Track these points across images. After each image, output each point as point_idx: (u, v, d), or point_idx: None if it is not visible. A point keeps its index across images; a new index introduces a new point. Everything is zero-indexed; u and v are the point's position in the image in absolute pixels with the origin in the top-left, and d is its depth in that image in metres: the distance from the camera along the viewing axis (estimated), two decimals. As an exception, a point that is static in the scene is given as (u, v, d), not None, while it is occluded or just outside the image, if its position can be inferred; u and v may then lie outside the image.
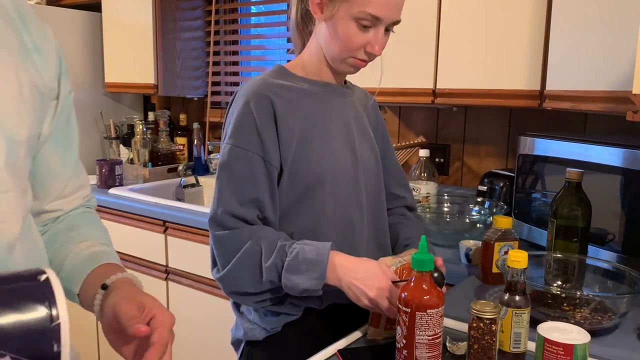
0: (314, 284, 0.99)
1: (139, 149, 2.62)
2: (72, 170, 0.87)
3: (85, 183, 0.92)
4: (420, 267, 0.85)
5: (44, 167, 0.82)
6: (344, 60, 1.09)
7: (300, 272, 0.99)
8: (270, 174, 1.05)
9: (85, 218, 0.90)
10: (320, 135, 1.10)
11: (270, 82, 1.09)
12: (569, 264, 1.23)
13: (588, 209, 1.24)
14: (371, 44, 1.05)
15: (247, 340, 1.15)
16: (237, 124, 1.06)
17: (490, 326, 0.85)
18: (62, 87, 0.80)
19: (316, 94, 1.12)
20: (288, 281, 1.00)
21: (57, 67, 0.79)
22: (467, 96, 1.73)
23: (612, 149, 1.29)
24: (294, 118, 1.07)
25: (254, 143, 1.04)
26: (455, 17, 1.73)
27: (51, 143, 0.81)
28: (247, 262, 1.02)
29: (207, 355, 2.06)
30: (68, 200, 0.88)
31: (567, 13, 1.45)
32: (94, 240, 0.85)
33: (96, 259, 0.80)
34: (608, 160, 1.30)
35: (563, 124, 1.90)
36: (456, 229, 1.61)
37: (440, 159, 2.16)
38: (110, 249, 0.86)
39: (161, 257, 2.15)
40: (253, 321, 1.13)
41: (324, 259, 1.00)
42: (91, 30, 2.80)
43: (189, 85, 2.78)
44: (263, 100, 1.05)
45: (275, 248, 1.02)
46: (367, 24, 1.03)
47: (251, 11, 2.82)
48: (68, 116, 0.84)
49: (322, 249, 1.01)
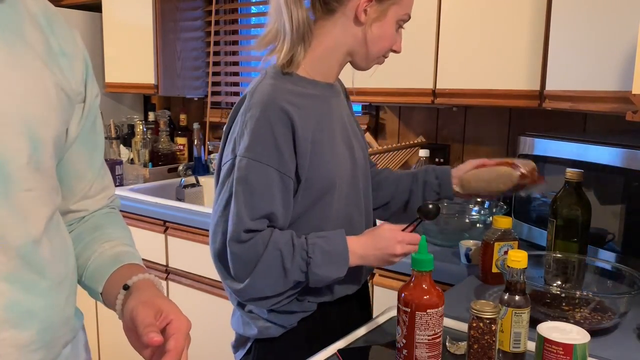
0: (341, 271, 1.06)
1: (139, 149, 2.62)
2: (97, 171, 0.89)
3: (110, 184, 0.94)
4: (420, 267, 0.85)
5: (70, 167, 0.84)
6: (376, 59, 1.14)
7: (325, 265, 1.04)
8: (286, 186, 1.04)
9: (110, 218, 0.92)
10: (327, 140, 1.09)
11: (281, 88, 1.06)
12: (568, 263, 1.23)
13: (588, 209, 1.24)
14: (397, 43, 1.14)
15: (259, 338, 1.15)
16: (253, 136, 1.02)
17: (490, 326, 0.85)
18: (88, 90, 0.82)
19: (319, 97, 1.11)
20: (315, 275, 1.04)
21: (84, 71, 0.81)
22: (467, 96, 1.73)
23: (612, 149, 1.29)
24: (307, 125, 1.05)
25: (272, 157, 1.02)
26: (455, 17, 1.73)
27: (78, 145, 0.84)
28: (270, 269, 1.03)
29: (207, 355, 2.06)
30: (93, 200, 0.90)
31: (567, 13, 1.45)
32: (117, 240, 0.87)
33: (120, 259, 0.82)
34: (608, 160, 1.30)
35: (563, 124, 1.90)
36: (456, 229, 1.61)
37: (440, 159, 2.16)
38: (133, 250, 0.87)
39: (161, 257, 2.15)
40: (269, 319, 1.12)
41: (345, 248, 1.06)
42: (91, 30, 2.80)
43: (189, 85, 2.78)
44: (279, 111, 1.02)
45: (294, 248, 1.03)
46: (403, 25, 1.13)
47: (251, 11, 2.82)
48: (94, 119, 0.86)
49: (339, 238, 1.06)
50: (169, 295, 2.16)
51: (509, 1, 1.63)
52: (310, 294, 1.12)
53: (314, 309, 1.14)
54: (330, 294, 1.15)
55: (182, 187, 2.44)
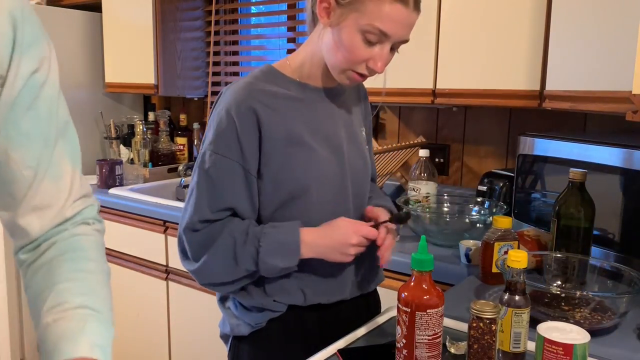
0: (291, 260, 1.04)
1: (139, 149, 2.62)
2: (46, 172, 0.71)
3: (72, 189, 0.74)
4: (420, 267, 0.85)
5: (4, 168, 0.69)
6: (343, 71, 1.04)
7: (276, 254, 1.03)
8: (249, 182, 1.05)
9: (69, 251, 0.72)
10: (307, 145, 1.07)
11: (255, 88, 1.05)
12: (568, 263, 1.23)
13: (591, 209, 1.24)
14: (374, 59, 1.01)
15: (234, 335, 1.17)
16: (218, 130, 1.04)
17: (490, 326, 0.85)
18: (13, 65, 0.66)
19: (303, 100, 1.09)
20: (264, 264, 1.03)
21: (6, 38, 0.65)
22: (467, 96, 1.73)
23: (612, 149, 1.29)
24: (278, 126, 1.05)
25: (234, 150, 1.03)
26: (455, 17, 1.73)
27: (4, 138, 0.68)
28: (222, 253, 1.04)
29: (207, 354, 2.06)
30: (45, 214, 0.72)
31: (567, 13, 1.45)
32: (65, 303, 0.67)
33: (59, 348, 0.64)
34: (608, 160, 1.30)
35: (563, 124, 1.90)
36: (456, 229, 1.61)
37: (440, 159, 2.16)
38: (80, 313, 0.67)
39: (161, 257, 2.15)
40: (238, 317, 1.14)
41: (296, 238, 1.04)
42: (91, 30, 2.80)
43: (189, 85, 2.78)
44: (246, 109, 1.03)
45: (248, 236, 1.04)
46: (373, 39, 0.99)
47: (251, 11, 2.82)
48: (30, 105, 0.68)
49: (292, 228, 1.05)
50: (169, 295, 2.16)
51: (509, 1, 1.63)
52: (277, 294, 1.10)
53: (282, 310, 1.11)
54: (302, 297, 1.11)
55: (182, 187, 2.44)
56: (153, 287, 2.19)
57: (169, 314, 2.18)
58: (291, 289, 1.11)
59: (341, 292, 1.15)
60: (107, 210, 2.28)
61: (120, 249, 2.28)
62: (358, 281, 1.19)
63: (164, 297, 2.17)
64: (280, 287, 1.10)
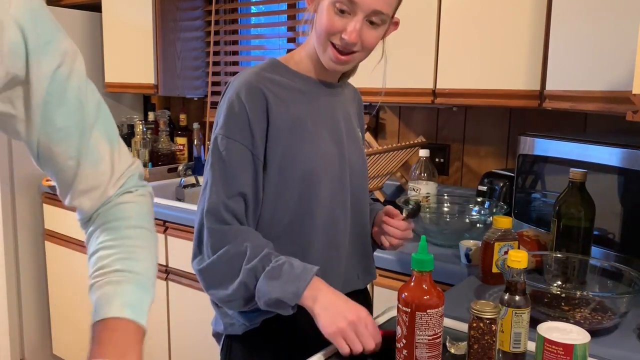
0: (289, 297, 0.97)
1: (139, 149, 2.62)
2: (87, 159, 0.76)
3: (114, 168, 0.79)
4: (420, 267, 0.85)
5: (51, 161, 0.76)
6: (325, 50, 1.06)
7: (279, 280, 0.97)
8: (256, 167, 1.06)
9: (112, 220, 0.79)
10: (310, 135, 1.09)
11: (263, 75, 1.08)
12: (568, 263, 1.23)
13: (592, 209, 1.24)
14: (346, 30, 1.02)
15: (227, 334, 1.15)
16: (228, 114, 1.05)
17: (490, 326, 0.85)
18: (33, 69, 0.69)
19: (306, 92, 1.12)
20: (263, 286, 0.98)
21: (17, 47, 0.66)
22: (467, 96, 1.73)
23: (612, 149, 1.29)
24: (284, 114, 1.07)
25: (244, 135, 1.04)
26: (455, 17, 1.73)
27: (45, 136, 0.73)
28: (228, 259, 1.02)
29: (207, 354, 2.06)
30: (93, 195, 0.78)
31: (567, 13, 1.44)
32: (106, 267, 0.74)
33: (97, 311, 0.72)
34: (608, 160, 1.30)
35: (563, 124, 1.90)
36: (456, 229, 1.61)
37: (440, 159, 2.16)
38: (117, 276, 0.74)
39: (161, 257, 2.15)
40: (232, 316, 1.12)
41: (309, 276, 0.98)
42: (91, 30, 2.80)
43: (189, 85, 2.78)
44: (256, 92, 1.05)
45: (261, 254, 1.01)
46: (343, 8, 1.02)
47: (251, 11, 2.82)
48: (61, 100, 0.72)
49: (309, 268, 1.00)
50: (169, 295, 2.16)
51: (509, 1, 1.63)
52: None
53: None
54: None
55: (182, 187, 2.44)
56: (153, 287, 2.19)
57: (169, 314, 2.18)
58: None
59: (335, 286, 1.11)
60: (107, 210, 2.27)
61: (120, 249, 2.27)
62: (351, 278, 1.19)
63: (164, 297, 2.17)
64: None
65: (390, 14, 1.06)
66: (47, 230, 2.64)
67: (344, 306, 0.97)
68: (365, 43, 1.05)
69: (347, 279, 1.18)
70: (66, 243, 2.52)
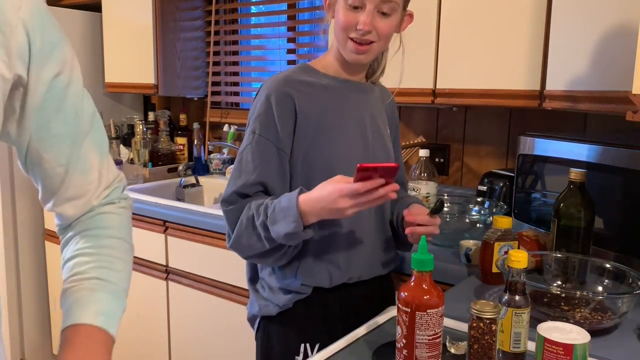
0: (293, 227, 1.07)
1: (139, 149, 2.62)
2: (76, 167, 0.76)
3: (101, 179, 0.80)
4: (420, 267, 0.85)
5: (39, 166, 0.75)
6: (345, 45, 1.17)
7: (278, 220, 1.09)
8: (282, 160, 1.17)
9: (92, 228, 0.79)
10: (336, 126, 1.20)
11: (293, 78, 1.20)
12: (569, 263, 1.23)
13: (591, 209, 1.24)
14: (359, 22, 1.13)
15: (262, 315, 1.26)
16: (258, 114, 1.18)
17: (490, 326, 0.85)
18: (33, 73, 0.68)
19: (334, 89, 1.22)
20: (273, 232, 1.10)
21: (23, 49, 0.67)
22: (467, 96, 1.73)
23: (612, 149, 1.29)
24: (311, 110, 1.18)
25: (271, 132, 1.16)
26: (455, 17, 1.73)
27: (37, 141, 0.73)
28: (246, 227, 1.14)
29: (207, 354, 2.06)
30: (77, 203, 0.79)
31: (567, 13, 1.44)
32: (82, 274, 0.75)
33: (69, 315, 0.72)
34: (608, 160, 1.30)
35: (563, 124, 1.90)
36: (456, 229, 1.60)
37: (440, 159, 2.16)
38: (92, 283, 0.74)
39: (161, 257, 2.15)
40: (267, 298, 1.24)
41: (293, 204, 1.07)
42: (91, 30, 2.80)
43: (189, 85, 2.78)
44: (283, 96, 1.17)
45: (262, 207, 1.12)
46: (355, 4, 1.13)
47: (251, 11, 2.82)
48: (58, 107, 0.73)
49: (292, 195, 1.09)
50: (169, 295, 2.16)
51: (509, 1, 1.63)
52: (306, 277, 1.20)
53: (308, 292, 1.21)
54: (328, 280, 1.21)
55: (182, 187, 2.44)
56: (153, 287, 2.19)
57: (169, 314, 2.18)
58: (319, 272, 1.20)
59: (358, 272, 1.25)
60: (107, 210, 2.27)
61: (120, 249, 2.27)
62: (375, 264, 1.29)
63: (164, 297, 2.17)
64: (309, 271, 1.20)
65: (400, 3, 1.16)
66: (47, 230, 2.64)
67: (330, 208, 1.05)
68: (379, 31, 1.15)
69: (372, 264, 1.28)
70: (66, 243, 2.52)
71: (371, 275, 1.29)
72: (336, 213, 1.06)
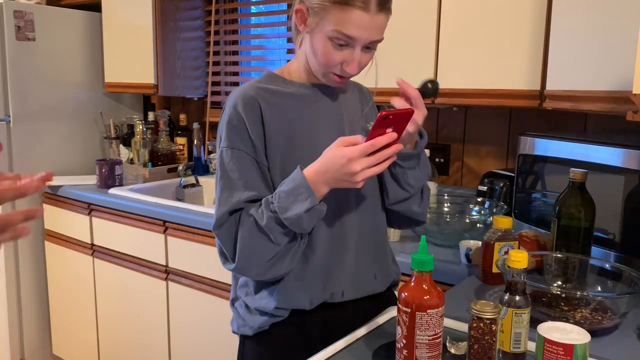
0: (309, 202, 0.99)
1: (139, 149, 2.61)
2: None
3: None
4: (420, 267, 0.85)
5: None
6: (324, 74, 1.09)
7: (289, 206, 1.00)
8: (263, 172, 1.09)
9: None
10: (308, 137, 1.11)
11: (257, 86, 1.12)
12: (569, 263, 1.23)
13: (592, 209, 1.24)
14: (347, 62, 1.05)
15: (240, 334, 1.20)
16: (229, 126, 1.09)
17: (490, 326, 0.85)
18: None
19: (302, 97, 1.14)
20: (288, 219, 1.00)
21: None
22: (467, 96, 1.73)
23: (612, 149, 1.29)
24: (280, 121, 1.09)
25: (246, 144, 1.08)
26: (455, 17, 1.73)
27: None
28: (251, 236, 1.04)
29: (207, 355, 2.06)
30: None
31: (567, 13, 1.45)
32: None
33: None
34: (608, 160, 1.30)
35: (563, 124, 1.90)
36: (456, 229, 1.61)
37: (440, 159, 2.16)
38: None
39: (161, 257, 2.15)
40: (244, 318, 1.16)
41: (300, 180, 1.00)
42: (91, 30, 2.80)
43: (189, 85, 2.78)
44: (250, 102, 1.08)
45: (262, 207, 1.03)
46: (342, 43, 1.03)
47: (251, 11, 2.82)
48: None
49: (295, 175, 1.02)
50: (169, 295, 2.16)
51: (509, 1, 1.63)
52: (282, 301, 1.10)
53: (284, 315, 1.12)
54: (308, 300, 1.11)
55: (182, 187, 2.44)
56: (153, 287, 2.19)
57: (169, 314, 2.18)
58: (297, 291, 1.10)
59: (343, 285, 1.15)
60: (106, 210, 2.28)
61: (120, 249, 2.27)
62: (367, 279, 1.18)
63: (164, 297, 2.17)
64: (284, 292, 1.10)
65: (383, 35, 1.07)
66: (47, 230, 2.64)
67: (338, 175, 0.98)
68: (362, 64, 1.08)
69: (362, 280, 1.17)
70: (66, 243, 2.52)
71: (360, 292, 1.16)
72: (346, 179, 0.97)
